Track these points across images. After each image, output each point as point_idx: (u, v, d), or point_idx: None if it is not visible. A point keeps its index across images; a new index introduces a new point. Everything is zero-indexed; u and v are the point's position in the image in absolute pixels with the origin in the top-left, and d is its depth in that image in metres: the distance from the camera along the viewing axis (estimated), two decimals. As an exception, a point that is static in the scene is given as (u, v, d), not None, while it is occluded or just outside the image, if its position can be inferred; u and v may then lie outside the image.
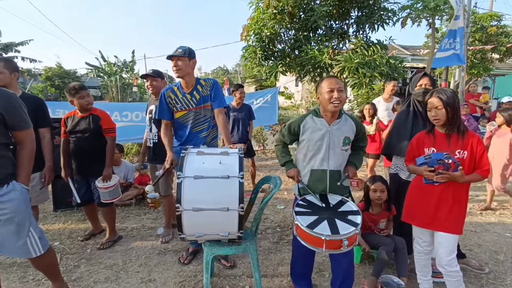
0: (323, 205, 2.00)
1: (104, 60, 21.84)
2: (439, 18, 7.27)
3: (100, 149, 2.92)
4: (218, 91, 2.61)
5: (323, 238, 1.69)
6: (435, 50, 7.19)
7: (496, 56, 12.32)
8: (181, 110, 2.59)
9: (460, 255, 2.58)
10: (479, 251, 2.93)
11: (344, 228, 1.75)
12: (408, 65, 14.58)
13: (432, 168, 1.89)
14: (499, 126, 3.99)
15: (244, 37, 6.59)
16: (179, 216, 1.84)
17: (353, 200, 2.12)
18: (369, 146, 3.94)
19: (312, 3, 6.24)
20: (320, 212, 1.92)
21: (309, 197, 2.07)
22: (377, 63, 5.54)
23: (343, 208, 1.97)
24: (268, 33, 6.22)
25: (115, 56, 23.50)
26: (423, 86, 2.44)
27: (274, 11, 6.01)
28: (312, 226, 1.77)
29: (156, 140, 3.10)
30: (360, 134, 2.14)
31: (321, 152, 2.03)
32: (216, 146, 2.75)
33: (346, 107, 14.06)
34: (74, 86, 2.90)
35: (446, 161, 1.85)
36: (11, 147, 1.88)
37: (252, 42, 6.56)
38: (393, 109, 4.61)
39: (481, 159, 1.91)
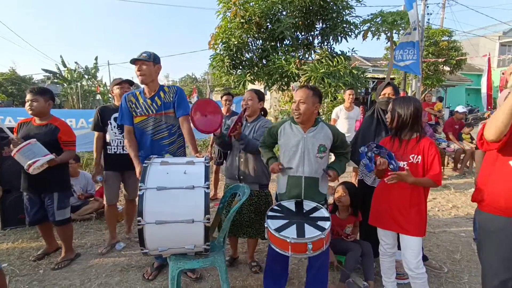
0: (296, 210, 2.02)
1: (65, 66, 20.71)
2: (397, 32, 7.76)
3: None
4: (182, 99, 2.53)
5: (288, 241, 1.73)
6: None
7: (447, 68, 13.41)
8: (140, 115, 2.49)
9: (423, 258, 2.70)
10: (437, 251, 3.09)
11: (310, 232, 1.78)
12: (369, 75, 15.39)
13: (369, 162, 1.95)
14: None
15: (211, 46, 6.58)
16: (141, 230, 1.74)
17: (327, 208, 2.15)
18: None
19: (279, 14, 6.40)
20: (291, 217, 1.94)
21: (285, 203, 2.09)
22: (341, 73, 5.77)
23: (315, 214, 2.00)
24: (235, 42, 6.25)
25: (75, 62, 22.31)
26: (386, 95, 2.57)
27: (242, 20, 6.08)
28: (280, 229, 1.80)
29: None
30: (338, 141, 2.16)
31: (296, 158, 2.08)
32: (183, 155, 2.67)
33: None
34: (32, 87, 2.74)
35: (369, 154, 1.94)
36: None
37: (220, 50, 6.56)
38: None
39: (431, 164, 1.97)
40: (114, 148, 3.07)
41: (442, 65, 13.04)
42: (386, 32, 7.70)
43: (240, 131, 2.34)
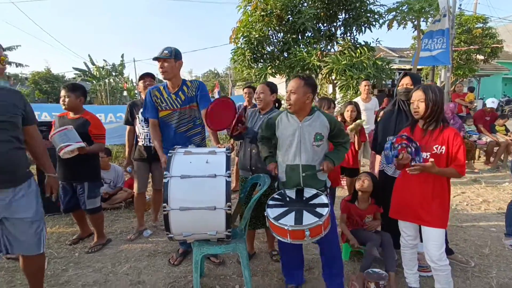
0: (297, 197, 2.07)
1: (93, 64, 21.64)
2: (424, 20, 7.43)
3: (86, 154, 2.87)
4: (204, 92, 2.61)
5: (286, 228, 1.80)
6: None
7: (480, 57, 12.65)
8: (166, 109, 2.59)
9: (448, 251, 2.64)
10: (465, 246, 2.99)
11: (308, 219, 1.83)
12: (395, 66, 14.82)
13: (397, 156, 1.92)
14: None
15: (233, 40, 6.64)
16: (166, 216, 1.84)
17: (327, 194, 2.14)
18: None
19: (300, 6, 6.33)
20: (291, 205, 1.99)
21: (286, 191, 2.14)
22: (364, 65, 5.64)
23: (315, 200, 2.01)
24: (256, 36, 6.27)
25: (104, 60, 23.27)
26: (404, 86, 2.52)
27: (262, 13, 6.08)
28: (278, 217, 1.89)
29: None
30: (335, 130, 2.13)
31: (293, 147, 2.10)
32: (205, 146, 2.76)
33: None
34: (66, 84, 2.95)
35: (395, 144, 1.90)
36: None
37: (241, 44, 6.61)
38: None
39: (456, 154, 1.92)
40: (142, 141, 3.24)
41: (475, 54, 12.33)
42: (413, 20, 7.41)
43: (241, 130, 2.40)
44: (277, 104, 2.73)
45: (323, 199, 2.01)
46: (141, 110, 3.15)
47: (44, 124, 3.86)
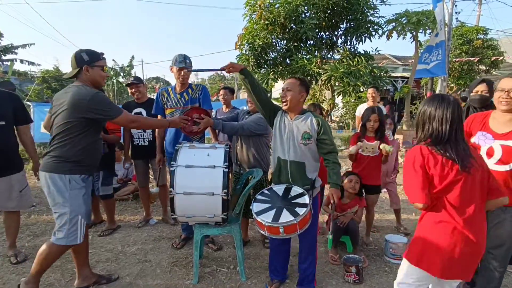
0: (283, 195, 2.17)
1: (102, 64, 22.23)
2: (423, 31, 7.75)
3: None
4: (206, 96, 2.96)
5: (264, 223, 1.98)
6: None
7: (482, 67, 12.89)
8: (170, 107, 2.95)
9: None
10: None
11: (285, 217, 1.96)
12: (399, 74, 15.11)
13: None
14: None
15: (238, 46, 7.00)
16: (172, 199, 2.18)
17: (311, 196, 2.16)
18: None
19: (303, 16, 6.69)
20: (275, 201, 2.12)
21: (275, 187, 2.25)
22: (361, 73, 5.96)
23: (298, 200, 2.09)
24: (260, 43, 6.63)
25: (113, 60, 23.81)
26: (479, 93, 2.42)
27: (266, 22, 6.44)
28: (260, 213, 2.04)
29: (151, 139, 3.38)
30: (321, 132, 2.15)
31: (284, 143, 2.22)
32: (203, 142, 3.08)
33: (337, 113, 14.52)
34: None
35: None
36: None
37: (246, 50, 6.96)
38: None
39: None
40: (137, 141, 3.45)
41: (477, 65, 12.57)
42: (412, 31, 7.74)
43: (200, 129, 2.50)
44: None
45: (306, 199, 2.07)
46: (135, 110, 3.38)
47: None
